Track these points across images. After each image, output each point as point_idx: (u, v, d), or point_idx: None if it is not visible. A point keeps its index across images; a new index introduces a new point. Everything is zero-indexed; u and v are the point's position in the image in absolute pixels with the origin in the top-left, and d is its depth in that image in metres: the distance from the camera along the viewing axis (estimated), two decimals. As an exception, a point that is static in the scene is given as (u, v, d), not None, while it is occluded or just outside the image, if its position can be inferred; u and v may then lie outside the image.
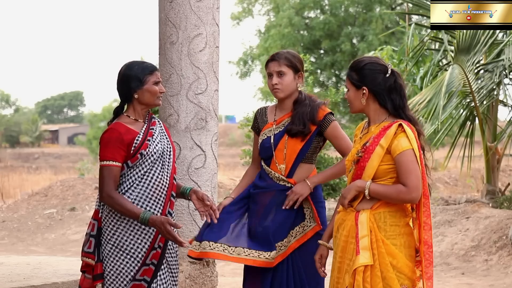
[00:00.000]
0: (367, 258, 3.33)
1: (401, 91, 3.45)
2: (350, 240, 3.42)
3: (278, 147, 4.12)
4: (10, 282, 5.22)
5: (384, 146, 3.36)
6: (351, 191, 3.43)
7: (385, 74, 3.43)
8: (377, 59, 3.52)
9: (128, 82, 3.71)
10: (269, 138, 4.15)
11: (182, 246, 3.58)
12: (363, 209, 3.42)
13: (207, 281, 5.10)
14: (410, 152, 3.33)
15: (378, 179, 3.39)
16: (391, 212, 3.40)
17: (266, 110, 4.28)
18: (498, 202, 11.07)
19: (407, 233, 3.42)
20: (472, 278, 8.54)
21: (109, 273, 3.67)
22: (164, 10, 5.04)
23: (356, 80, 3.46)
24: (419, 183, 3.34)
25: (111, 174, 3.62)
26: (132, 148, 3.65)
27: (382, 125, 3.43)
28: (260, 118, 4.27)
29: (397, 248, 3.38)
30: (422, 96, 10.36)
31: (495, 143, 11.23)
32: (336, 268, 3.51)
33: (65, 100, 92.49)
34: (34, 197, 15.68)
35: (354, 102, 3.49)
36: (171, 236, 3.55)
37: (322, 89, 27.14)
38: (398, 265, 3.36)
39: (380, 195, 3.38)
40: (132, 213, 3.58)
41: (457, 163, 12.43)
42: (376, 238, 3.36)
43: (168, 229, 3.54)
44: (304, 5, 27.39)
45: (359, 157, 3.43)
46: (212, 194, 5.04)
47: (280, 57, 4.15)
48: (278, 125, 4.17)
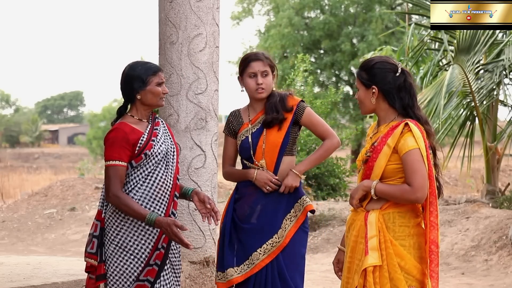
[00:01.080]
0: (376, 259, 3.32)
1: (410, 90, 3.45)
2: (360, 240, 3.42)
3: (258, 145, 4.18)
4: (10, 282, 5.21)
5: (391, 145, 3.36)
6: (359, 191, 3.43)
7: (395, 73, 3.43)
8: (387, 58, 3.51)
9: (131, 82, 3.71)
10: (247, 138, 4.21)
11: (189, 248, 3.57)
12: (372, 209, 3.41)
13: (207, 281, 5.10)
14: (416, 152, 3.32)
15: (387, 179, 3.39)
16: (400, 212, 3.39)
17: (240, 112, 4.33)
18: (498, 202, 11.07)
19: (417, 234, 3.40)
20: (472, 278, 8.54)
21: (112, 274, 3.67)
22: (164, 10, 5.04)
23: (366, 79, 3.46)
24: (425, 183, 3.32)
25: (117, 174, 3.62)
26: (137, 148, 3.65)
27: (390, 125, 3.42)
28: (235, 121, 4.31)
29: (406, 249, 3.36)
30: (422, 96, 10.35)
31: (495, 143, 11.23)
32: (346, 268, 3.50)
33: (65, 100, 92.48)
34: (34, 197, 15.68)
35: (365, 101, 3.49)
36: (177, 238, 3.54)
37: (322, 89, 27.12)
38: (406, 266, 3.35)
39: (386, 194, 3.37)
40: (138, 214, 3.57)
41: (457, 163, 12.44)
42: (385, 238, 3.35)
43: (174, 230, 3.53)
44: (304, 5, 27.36)
45: (367, 157, 3.43)
46: (212, 194, 5.04)
47: (262, 57, 4.20)
48: (253, 123, 4.23)
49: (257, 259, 4.14)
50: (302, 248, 4.20)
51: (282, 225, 4.16)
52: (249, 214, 4.19)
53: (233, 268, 4.15)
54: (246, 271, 4.14)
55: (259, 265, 4.13)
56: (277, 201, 4.17)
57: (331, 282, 8.28)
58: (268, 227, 4.15)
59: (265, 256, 4.14)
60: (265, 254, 4.14)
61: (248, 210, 4.20)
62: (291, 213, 4.18)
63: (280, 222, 4.16)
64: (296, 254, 4.16)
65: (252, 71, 4.19)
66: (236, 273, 4.14)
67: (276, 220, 4.16)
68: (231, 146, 4.32)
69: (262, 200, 4.17)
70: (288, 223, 4.16)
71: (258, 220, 4.17)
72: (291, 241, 4.15)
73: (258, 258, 4.14)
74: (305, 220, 4.20)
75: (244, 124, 4.26)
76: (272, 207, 4.16)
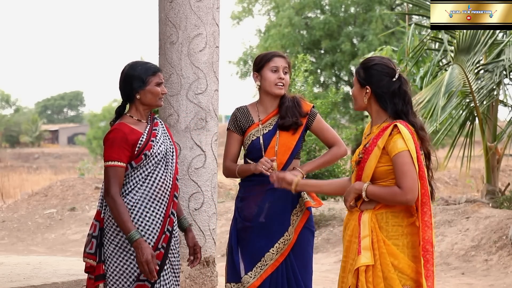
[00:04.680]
0: (368, 258, 3.34)
1: (405, 97, 3.44)
2: (354, 240, 3.44)
3: (270, 145, 4.18)
4: (10, 282, 5.21)
5: (381, 146, 3.37)
6: (351, 194, 3.45)
7: (391, 78, 3.43)
8: (388, 61, 3.50)
9: (130, 82, 3.72)
10: (258, 139, 4.19)
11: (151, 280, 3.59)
12: (366, 209, 3.43)
13: (207, 281, 5.10)
14: (405, 154, 3.32)
15: (379, 180, 3.40)
16: (393, 212, 3.40)
17: (248, 109, 4.30)
18: (498, 202, 11.07)
19: (411, 233, 3.40)
20: (472, 278, 8.54)
21: (112, 273, 3.67)
22: (164, 10, 5.04)
23: (362, 78, 3.48)
24: (415, 185, 3.32)
25: (116, 175, 3.62)
26: (136, 149, 3.66)
27: (381, 126, 3.44)
28: (244, 118, 4.28)
29: (399, 249, 3.37)
30: (421, 96, 10.36)
31: (495, 143, 11.23)
32: (341, 268, 3.53)
33: (65, 100, 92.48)
34: (34, 197, 15.68)
35: (357, 98, 3.51)
36: (148, 267, 3.53)
37: (322, 89, 27.13)
38: (400, 265, 3.36)
39: (376, 197, 3.39)
40: (125, 226, 3.57)
41: (457, 163, 12.42)
42: (377, 238, 3.37)
43: (149, 259, 3.53)
44: (304, 5, 27.36)
45: (360, 158, 3.44)
46: (212, 194, 5.04)
47: (285, 55, 4.26)
48: (264, 124, 4.22)
49: (270, 259, 4.12)
50: (309, 248, 4.19)
51: (291, 221, 4.16)
52: (257, 213, 4.17)
53: (247, 274, 4.12)
54: (260, 273, 4.11)
55: (273, 265, 4.11)
56: (284, 198, 4.15)
57: (331, 282, 8.28)
58: (278, 225, 4.13)
59: (278, 255, 4.12)
60: (278, 253, 4.12)
61: (256, 209, 4.17)
62: (297, 208, 4.19)
63: (289, 219, 4.16)
64: (304, 253, 4.16)
65: (274, 65, 4.20)
66: (252, 278, 4.11)
67: (285, 218, 4.15)
68: (236, 143, 4.29)
69: (270, 198, 4.15)
70: (295, 218, 4.17)
71: (266, 218, 4.15)
72: (299, 240, 4.14)
73: (272, 258, 4.12)
74: (309, 218, 4.20)
75: (255, 123, 4.24)
76: (280, 205, 4.14)
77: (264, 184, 4.15)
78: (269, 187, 4.12)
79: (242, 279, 4.12)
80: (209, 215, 5.01)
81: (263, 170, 4.08)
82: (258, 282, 4.10)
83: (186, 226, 3.90)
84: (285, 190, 3.93)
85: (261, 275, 4.10)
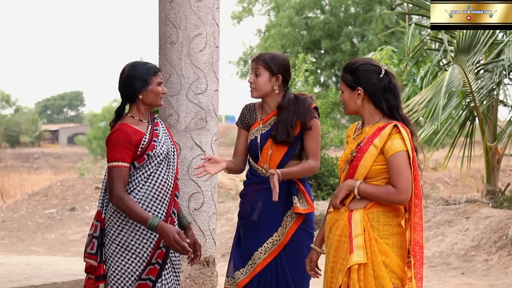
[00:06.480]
0: (361, 257, 3.36)
1: (395, 91, 3.48)
2: (344, 239, 3.45)
3: (265, 146, 4.19)
4: (10, 282, 5.22)
5: (378, 146, 3.39)
6: (342, 191, 3.47)
7: (379, 75, 3.46)
8: (370, 60, 3.56)
9: (132, 82, 3.73)
10: (256, 138, 4.22)
11: (188, 255, 3.66)
12: (356, 208, 3.45)
13: (207, 281, 5.11)
14: (403, 154, 3.36)
15: (370, 179, 3.43)
16: (384, 211, 3.43)
17: (255, 106, 4.33)
18: (498, 202, 11.07)
19: (399, 233, 3.44)
20: (472, 278, 8.54)
21: (113, 273, 3.68)
22: (164, 10, 5.04)
23: (351, 81, 3.49)
24: (409, 185, 3.36)
25: (120, 175, 3.63)
26: (139, 149, 3.67)
27: (376, 126, 3.46)
28: (250, 115, 4.31)
29: (390, 248, 3.40)
30: (422, 96, 10.36)
31: (495, 143, 11.24)
32: (330, 268, 3.52)
33: (65, 100, 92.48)
34: (34, 197, 15.68)
35: (349, 103, 3.52)
36: (179, 245, 3.56)
37: (322, 89, 27.14)
38: (390, 264, 3.39)
39: (369, 195, 3.41)
40: (140, 217, 3.59)
41: (457, 163, 12.43)
42: (370, 237, 3.39)
43: (177, 238, 3.56)
44: (304, 5, 27.39)
45: (352, 157, 3.45)
46: (212, 194, 5.04)
47: (260, 57, 4.23)
48: (264, 124, 4.24)
49: (258, 258, 4.14)
50: (305, 249, 4.14)
51: (283, 223, 4.16)
52: (250, 211, 4.20)
53: (239, 270, 4.18)
54: (250, 271, 4.16)
55: (261, 264, 4.13)
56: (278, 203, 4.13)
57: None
58: (268, 225, 4.15)
59: (266, 255, 4.14)
60: (266, 253, 4.14)
61: (249, 207, 4.21)
62: (292, 210, 4.18)
63: (281, 220, 4.16)
64: (298, 254, 4.15)
65: (251, 69, 4.27)
66: (242, 274, 4.16)
67: (275, 218, 4.16)
68: (243, 138, 4.32)
69: (263, 197, 4.17)
70: (289, 220, 4.17)
71: (259, 217, 4.17)
72: (292, 239, 4.14)
73: (260, 257, 4.14)
74: (307, 219, 4.19)
75: (257, 122, 4.27)
76: (272, 204, 4.14)
77: (260, 183, 4.19)
78: (264, 186, 4.16)
79: (234, 274, 4.20)
80: (209, 215, 5.01)
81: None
82: (247, 279, 4.15)
83: (185, 224, 3.90)
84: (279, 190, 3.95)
85: (250, 273, 4.15)
